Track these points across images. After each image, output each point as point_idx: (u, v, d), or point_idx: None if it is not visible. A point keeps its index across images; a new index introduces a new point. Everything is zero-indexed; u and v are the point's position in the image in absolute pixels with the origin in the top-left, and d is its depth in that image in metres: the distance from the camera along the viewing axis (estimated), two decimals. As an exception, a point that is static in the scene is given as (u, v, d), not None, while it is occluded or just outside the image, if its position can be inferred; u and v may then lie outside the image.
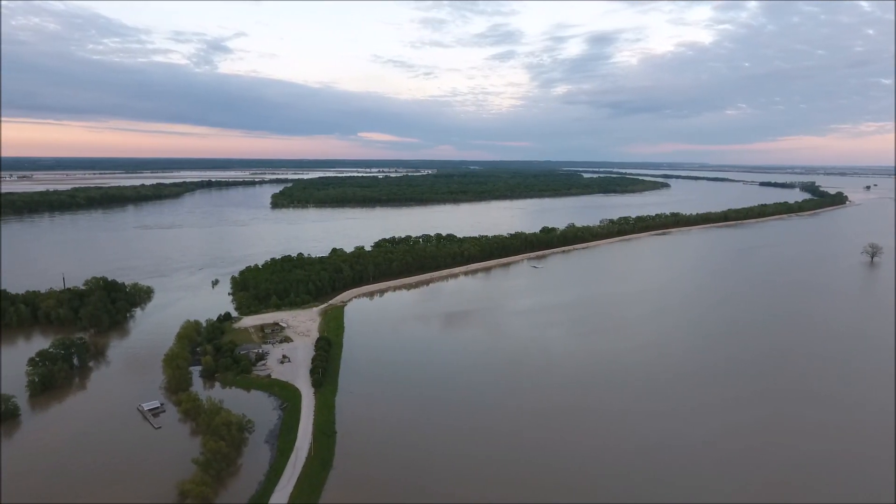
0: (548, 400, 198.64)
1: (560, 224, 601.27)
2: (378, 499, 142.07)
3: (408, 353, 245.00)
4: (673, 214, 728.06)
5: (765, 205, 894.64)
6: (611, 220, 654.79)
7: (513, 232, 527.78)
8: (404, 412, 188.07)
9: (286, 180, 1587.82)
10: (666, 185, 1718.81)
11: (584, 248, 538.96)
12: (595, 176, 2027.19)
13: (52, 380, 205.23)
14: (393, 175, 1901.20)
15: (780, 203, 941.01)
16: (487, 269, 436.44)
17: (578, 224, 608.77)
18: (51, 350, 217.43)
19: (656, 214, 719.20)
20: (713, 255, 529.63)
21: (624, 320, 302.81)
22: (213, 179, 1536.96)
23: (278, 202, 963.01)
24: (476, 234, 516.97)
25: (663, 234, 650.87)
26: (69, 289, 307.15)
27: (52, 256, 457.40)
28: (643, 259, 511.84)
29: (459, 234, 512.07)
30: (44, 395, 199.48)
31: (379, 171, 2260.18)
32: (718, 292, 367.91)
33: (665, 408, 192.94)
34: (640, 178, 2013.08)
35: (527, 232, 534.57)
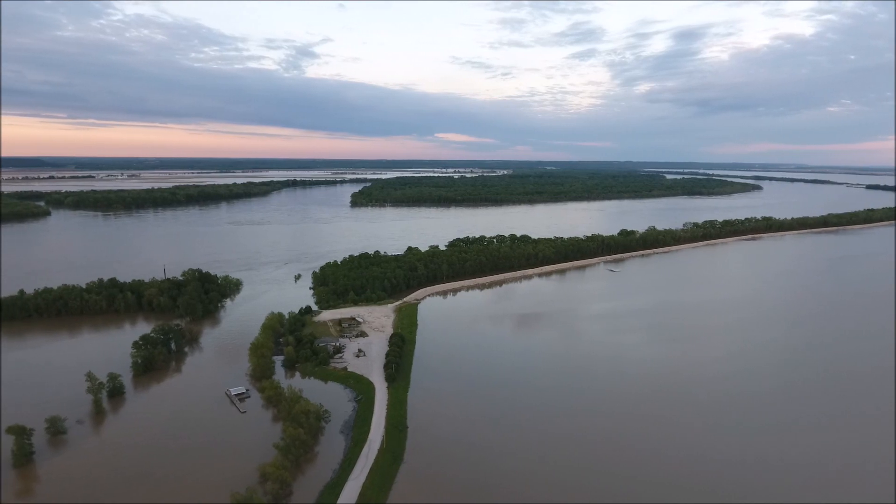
0: (619, 408, 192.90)
1: (640, 227, 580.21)
2: (446, 496, 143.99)
3: (479, 354, 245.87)
4: (765, 219, 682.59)
5: (872, 210, 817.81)
6: (695, 224, 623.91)
7: (589, 234, 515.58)
8: (474, 412, 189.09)
9: (365, 180, 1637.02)
10: (757, 188, 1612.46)
11: (665, 253, 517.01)
12: (679, 177, 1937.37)
13: (152, 362, 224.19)
14: (469, 175, 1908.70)
15: (889, 208, 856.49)
16: (562, 272, 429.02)
17: (659, 227, 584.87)
18: (152, 335, 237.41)
19: (746, 218, 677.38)
20: (809, 263, 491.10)
21: (705, 330, 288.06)
22: (298, 179, 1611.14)
23: (357, 201, 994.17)
24: (551, 236, 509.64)
25: (753, 239, 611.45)
26: (169, 279, 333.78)
27: (155, 249, 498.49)
28: (729, 266, 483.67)
29: (534, 236, 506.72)
30: (145, 376, 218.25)
31: (455, 172, 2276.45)
32: (811, 304, 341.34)
33: (745, 426, 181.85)
34: (729, 179, 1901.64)
35: (604, 234, 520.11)
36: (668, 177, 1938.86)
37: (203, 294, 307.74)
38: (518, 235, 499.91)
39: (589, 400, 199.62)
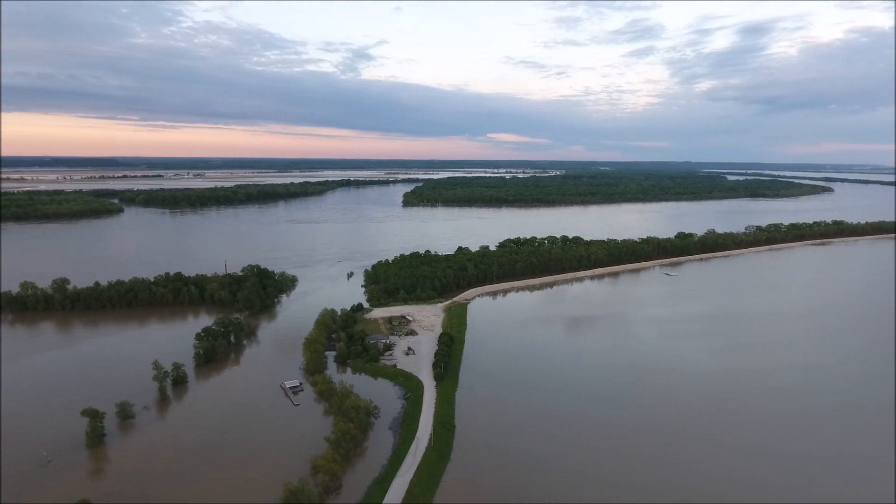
0: (672, 417, 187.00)
1: (698, 230, 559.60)
2: (492, 497, 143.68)
3: (529, 356, 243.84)
4: (835, 222, 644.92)
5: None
6: (758, 227, 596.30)
7: (644, 236, 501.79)
8: (522, 414, 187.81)
9: (417, 180, 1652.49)
10: (828, 190, 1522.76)
11: (725, 257, 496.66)
12: (741, 178, 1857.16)
13: (213, 353, 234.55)
14: (520, 176, 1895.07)
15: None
16: (615, 274, 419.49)
17: (719, 230, 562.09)
18: (213, 327, 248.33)
19: (814, 222, 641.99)
20: (883, 271, 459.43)
21: (766, 339, 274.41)
22: (352, 179, 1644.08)
23: (409, 201, 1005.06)
24: (604, 238, 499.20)
25: (822, 244, 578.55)
26: (229, 274, 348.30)
27: (217, 245, 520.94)
28: (795, 272, 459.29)
29: (586, 237, 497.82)
30: (206, 366, 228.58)
31: (506, 172, 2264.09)
32: (886, 316, 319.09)
33: (809, 445, 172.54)
34: (796, 181, 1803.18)
35: (660, 237, 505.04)
36: (730, 178, 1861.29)
37: (261, 289, 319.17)
38: (570, 237, 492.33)
39: (641, 411, 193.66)
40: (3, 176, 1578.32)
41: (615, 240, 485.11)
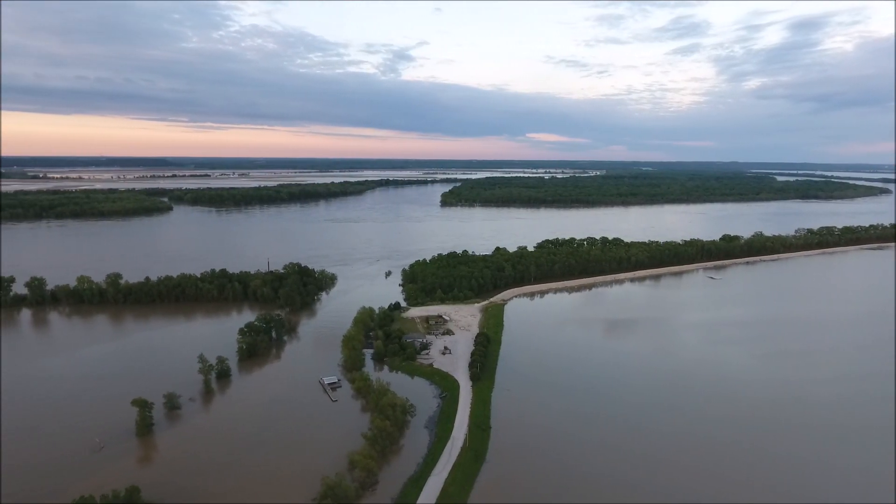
0: (713, 426, 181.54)
1: (745, 232, 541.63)
2: (527, 499, 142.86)
3: (566, 358, 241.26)
4: (893, 226, 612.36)
5: None
6: (809, 230, 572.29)
7: (687, 238, 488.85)
8: (559, 418, 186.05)
9: (455, 180, 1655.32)
10: (885, 191, 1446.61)
11: (773, 261, 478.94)
12: (791, 179, 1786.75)
13: (255, 348, 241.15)
14: (560, 176, 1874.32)
15: None
16: (656, 277, 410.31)
17: (767, 233, 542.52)
18: (256, 323, 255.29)
19: (870, 225, 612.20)
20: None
21: (816, 346, 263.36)
22: (391, 178, 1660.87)
23: (447, 200, 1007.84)
24: (645, 239, 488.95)
25: (878, 248, 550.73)
26: (271, 271, 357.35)
27: (260, 242, 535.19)
28: (848, 277, 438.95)
29: (627, 239, 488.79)
30: (249, 360, 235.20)
31: (545, 172, 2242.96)
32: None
33: (859, 461, 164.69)
34: (851, 182, 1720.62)
35: (704, 239, 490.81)
36: (779, 178, 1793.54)
37: (301, 287, 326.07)
38: (610, 238, 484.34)
39: (680, 419, 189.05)
40: (63, 175, 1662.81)
41: (657, 242, 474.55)
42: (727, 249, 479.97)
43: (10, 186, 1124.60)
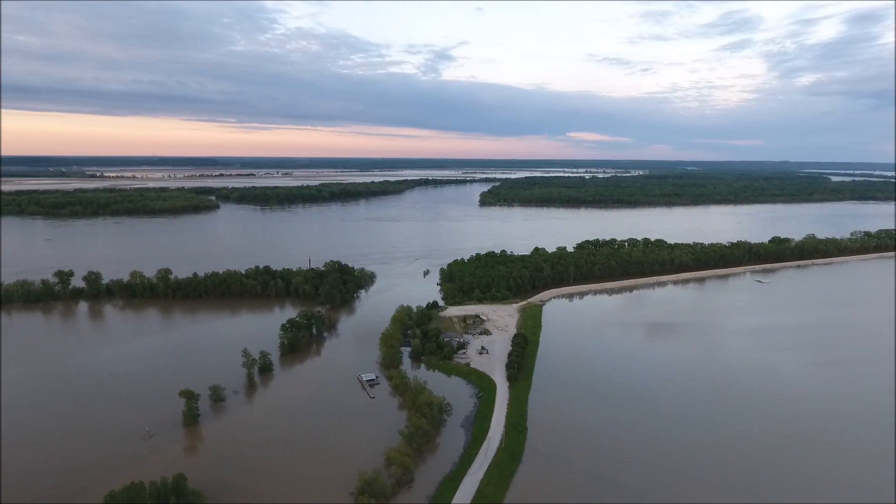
0: (758, 439, 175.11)
1: (796, 234, 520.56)
2: (563, 502, 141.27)
3: (605, 361, 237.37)
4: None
5: None
6: (866, 233, 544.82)
7: (734, 240, 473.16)
8: (597, 422, 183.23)
9: (494, 179, 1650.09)
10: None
11: (826, 264, 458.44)
12: (847, 179, 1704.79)
13: (296, 344, 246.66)
14: (601, 176, 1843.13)
15: None
16: (700, 280, 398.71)
17: (820, 235, 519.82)
18: (297, 319, 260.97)
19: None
20: None
21: (874, 354, 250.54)
22: (430, 178, 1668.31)
23: (486, 200, 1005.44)
24: (689, 241, 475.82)
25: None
26: (312, 269, 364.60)
27: (302, 240, 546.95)
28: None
29: (670, 240, 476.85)
30: (290, 356, 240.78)
31: (586, 172, 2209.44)
32: None
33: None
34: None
35: (752, 241, 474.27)
36: (834, 179, 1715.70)
37: (341, 284, 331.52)
38: (652, 239, 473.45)
39: (724, 428, 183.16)
40: (118, 174, 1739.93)
41: (702, 243, 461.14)
42: (777, 252, 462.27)
43: (70, 185, 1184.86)
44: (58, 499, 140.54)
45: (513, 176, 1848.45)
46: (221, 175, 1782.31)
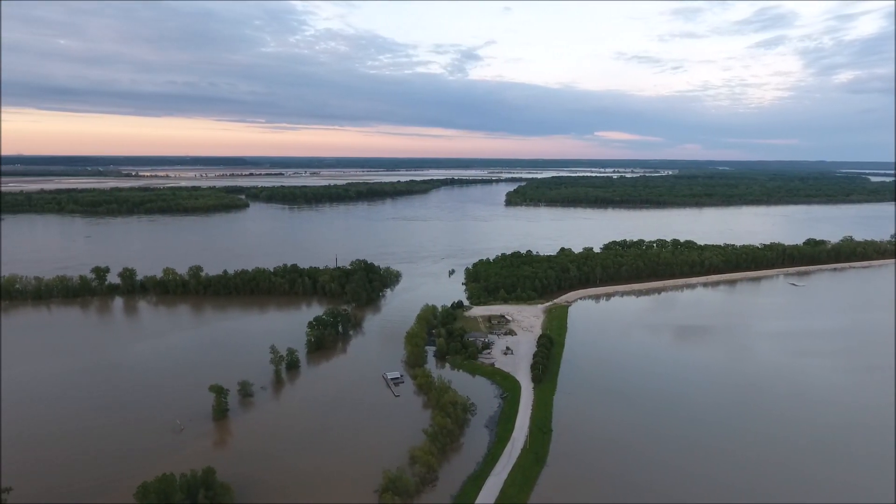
0: (789, 439, 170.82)
1: (832, 236, 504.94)
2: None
3: (632, 363, 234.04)
4: None
5: None
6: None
7: (767, 242, 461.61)
8: (623, 425, 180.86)
9: (520, 179, 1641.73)
10: None
11: (864, 268, 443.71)
12: (888, 179, 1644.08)
13: (323, 341, 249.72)
14: (629, 175, 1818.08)
15: None
16: (732, 282, 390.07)
17: (858, 238, 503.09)
18: (323, 317, 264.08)
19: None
20: None
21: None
22: (456, 178, 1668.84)
23: (512, 200, 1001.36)
24: (720, 242, 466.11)
25: None
26: (339, 267, 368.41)
27: (328, 239, 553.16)
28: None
29: (700, 241, 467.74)
30: (317, 353, 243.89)
31: (614, 172, 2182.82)
32: None
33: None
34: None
35: (785, 243, 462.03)
36: (874, 179, 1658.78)
37: (367, 283, 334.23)
38: (681, 240, 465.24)
39: (757, 427, 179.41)
40: (152, 173, 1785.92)
41: (733, 245, 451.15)
42: (812, 254, 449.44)
43: (107, 184, 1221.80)
44: (93, 488, 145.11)
45: (539, 176, 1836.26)
46: (251, 174, 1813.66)
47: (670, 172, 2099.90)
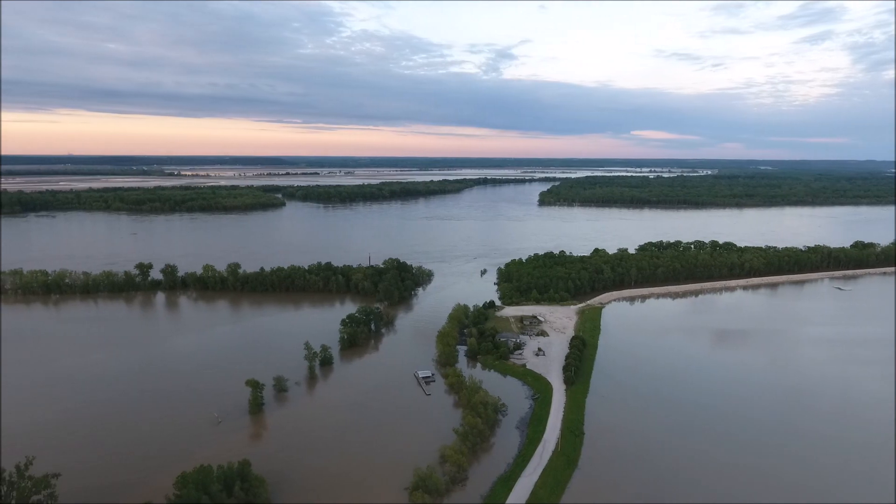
0: (830, 448, 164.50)
1: (881, 239, 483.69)
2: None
3: (667, 367, 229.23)
4: None
5: None
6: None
7: (811, 245, 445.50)
8: (658, 429, 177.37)
9: (554, 179, 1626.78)
10: None
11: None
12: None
13: (355, 339, 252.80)
14: (666, 175, 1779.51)
15: None
16: (773, 286, 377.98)
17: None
18: (356, 315, 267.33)
19: None
20: None
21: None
22: (489, 177, 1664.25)
23: (545, 199, 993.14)
24: (761, 244, 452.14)
25: None
26: (372, 266, 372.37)
27: (362, 238, 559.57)
28: None
29: (740, 243, 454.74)
30: (349, 350, 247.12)
31: (650, 171, 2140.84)
32: None
33: None
34: None
35: (831, 246, 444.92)
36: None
37: (400, 282, 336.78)
38: (720, 242, 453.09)
39: (799, 436, 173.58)
40: (194, 172, 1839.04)
41: (775, 247, 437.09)
42: (859, 258, 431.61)
43: (151, 183, 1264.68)
44: (134, 478, 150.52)
45: (573, 175, 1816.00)
46: (287, 174, 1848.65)
47: (709, 172, 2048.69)
